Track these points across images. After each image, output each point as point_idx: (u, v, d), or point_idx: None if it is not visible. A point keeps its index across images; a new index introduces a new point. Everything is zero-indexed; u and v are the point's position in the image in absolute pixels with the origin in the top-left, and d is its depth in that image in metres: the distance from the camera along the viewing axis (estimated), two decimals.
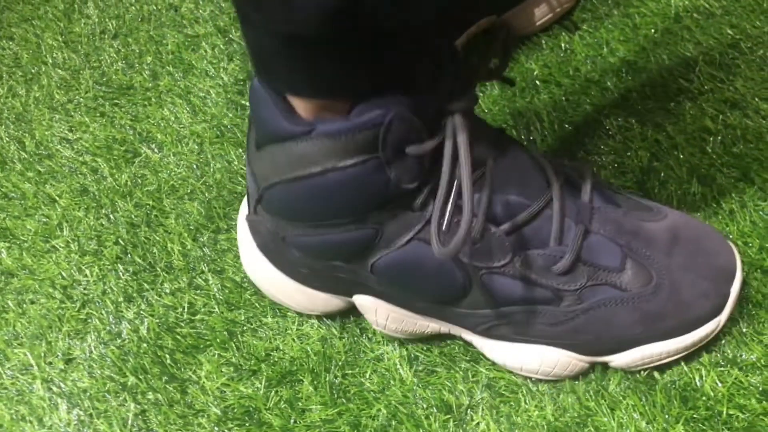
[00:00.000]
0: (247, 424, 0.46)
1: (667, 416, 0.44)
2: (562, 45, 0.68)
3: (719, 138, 0.58)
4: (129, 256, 0.56)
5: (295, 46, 0.36)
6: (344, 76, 0.38)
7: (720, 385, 0.45)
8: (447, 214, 0.40)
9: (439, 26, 0.38)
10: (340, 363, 0.49)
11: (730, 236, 0.52)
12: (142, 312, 0.53)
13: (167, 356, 0.50)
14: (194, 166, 0.62)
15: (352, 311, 0.50)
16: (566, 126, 0.61)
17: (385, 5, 0.34)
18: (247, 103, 0.65)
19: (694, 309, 0.45)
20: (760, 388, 0.45)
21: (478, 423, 0.45)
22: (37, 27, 0.77)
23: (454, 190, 0.40)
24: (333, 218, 0.42)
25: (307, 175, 0.40)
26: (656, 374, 0.46)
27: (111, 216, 0.59)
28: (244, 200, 0.50)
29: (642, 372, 0.46)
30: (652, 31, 0.67)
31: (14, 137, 0.66)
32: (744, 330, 0.47)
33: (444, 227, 0.40)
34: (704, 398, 0.45)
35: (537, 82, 0.65)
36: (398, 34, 0.36)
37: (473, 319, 0.45)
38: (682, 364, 0.46)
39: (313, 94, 0.39)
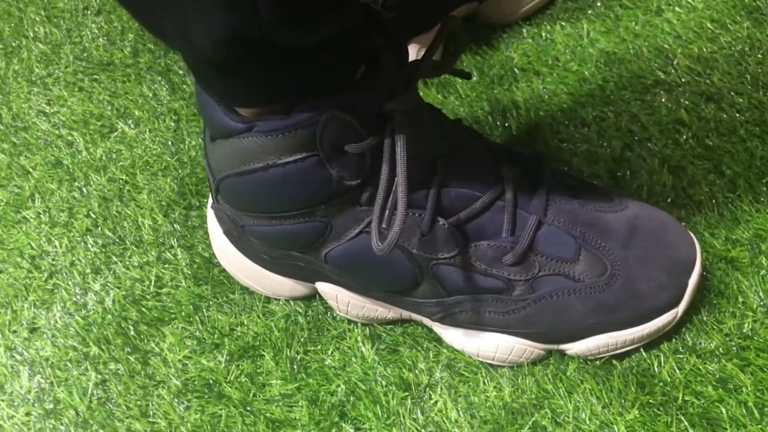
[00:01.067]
0: (206, 396, 0.47)
1: (623, 401, 0.45)
2: (543, 34, 0.68)
3: (693, 130, 0.58)
4: (99, 229, 0.56)
5: (214, 67, 0.37)
6: (270, 87, 0.38)
7: (678, 371, 0.46)
8: (387, 211, 0.40)
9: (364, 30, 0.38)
10: (302, 339, 0.49)
11: (697, 227, 0.52)
12: (108, 284, 0.53)
13: (131, 327, 0.50)
14: (169, 143, 0.62)
15: (318, 295, 0.50)
16: (542, 114, 0.62)
17: (276, 32, 0.34)
18: None
19: (650, 300, 0.45)
20: (717, 376, 0.45)
21: (435, 402, 0.46)
22: (21, 1, 0.77)
23: (394, 188, 0.40)
24: (282, 211, 0.43)
25: (251, 170, 0.41)
26: (614, 361, 0.46)
27: (84, 189, 0.59)
28: None
29: (600, 360, 0.46)
30: (633, 23, 0.67)
31: None
32: (705, 318, 0.48)
33: (384, 224, 0.40)
34: (661, 384, 0.45)
35: (516, 70, 0.65)
36: (313, 47, 0.36)
37: (427, 308, 0.45)
38: (641, 350, 0.47)
39: (245, 105, 0.39)
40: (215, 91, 0.39)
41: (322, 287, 0.48)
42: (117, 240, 0.56)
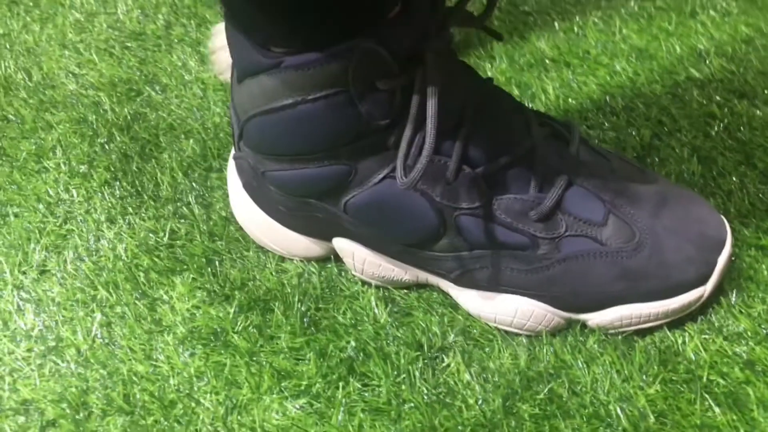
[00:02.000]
0: (212, 344, 0.45)
1: (644, 375, 0.43)
2: (575, 29, 0.68)
3: (724, 123, 0.57)
4: (118, 182, 0.56)
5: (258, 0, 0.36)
6: (312, 23, 0.37)
7: (703, 351, 0.44)
8: (414, 146, 0.39)
9: None
10: (314, 296, 0.48)
11: (727, 215, 0.51)
12: (122, 233, 0.52)
13: (141, 274, 0.49)
14: (195, 109, 0.62)
15: (332, 259, 0.49)
16: (571, 101, 0.61)
17: None
18: None
19: (677, 272, 0.43)
20: (745, 358, 0.43)
21: (448, 364, 0.44)
22: None
23: (423, 125, 0.39)
24: (307, 152, 0.42)
25: (280, 107, 0.40)
26: (636, 338, 0.45)
27: (106, 146, 0.59)
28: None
29: (621, 335, 0.45)
30: (666, 23, 0.67)
31: (22, 67, 0.67)
32: (733, 301, 0.46)
33: (410, 160, 0.39)
34: (685, 362, 0.43)
35: (546, 60, 0.65)
36: None
37: (447, 263, 0.44)
38: (665, 328, 0.45)
39: (283, 44, 0.39)
40: (247, 25, 0.39)
41: (339, 243, 0.47)
42: (134, 193, 0.55)
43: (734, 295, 0.46)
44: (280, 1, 0.37)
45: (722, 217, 0.46)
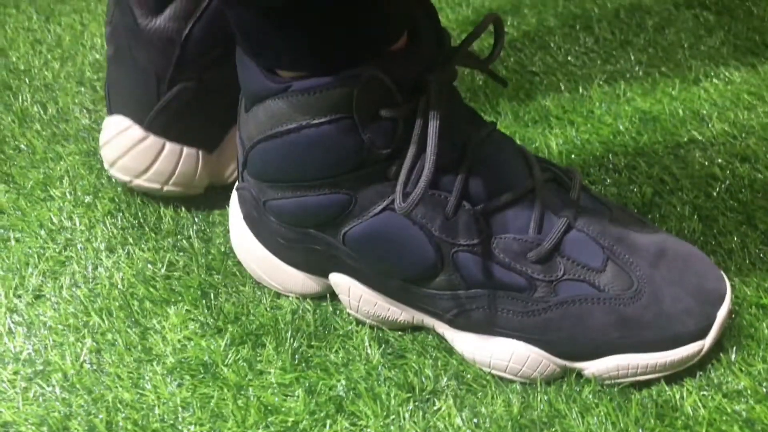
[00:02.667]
0: (200, 375, 0.45)
1: (640, 429, 0.42)
2: (580, 90, 0.69)
3: (726, 184, 0.58)
4: (121, 213, 0.56)
5: (272, 18, 0.38)
6: (321, 47, 0.39)
7: (702, 408, 0.43)
8: (414, 174, 0.40)
9: None
10: (307, 333, 0.47)
11: (728, 273, 0.50)
12: (121, 262, 0.52)
13: (136, 303, 0.49)
14: None
15: (327, 297, 0.49)
16: (573, 157, 0.61)
17: None
18: None
19: (676, 324, 0.43)
20: (744, 416, 0.42)
21: (440, 408, 0.43)
22: (85, 19, 0.82)
23: (423, 153, 0.40)
24: (309, 179, 0.42)
25: (285, 131, 0.41)
26: (633, 390, 0.44)
27: (112, 179, 0.60)
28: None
29: (618, 386, 0.44)
30: (670, 88, 0.68)
31: (39, 101, 0.68)
32: (733, 358, 0.45)
33: (409, 187, 0.40)
34: (683, 417, 0.42)
35: (551, 117, 0.66)
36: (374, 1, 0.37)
37: (443, 302, 0.44)
38: (663, 382, 0.44)
39: (292, 68, 0.40)
40: (261, 53, 0.40)
41: (336, 278, 0.47)
42: (136, 225, 0.55)
43: (734, 352, 0.45)
44: (291, 21, 0.38)
45: (722, 272, 0.46)
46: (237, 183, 0.49)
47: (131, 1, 0.51)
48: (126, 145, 0.54)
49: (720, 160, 0.60)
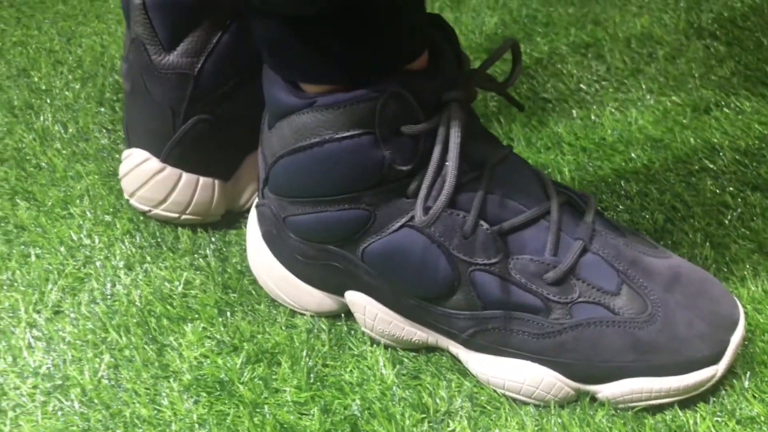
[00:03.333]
0: (217, 393, 0.45)
1: None
2: (592, 117, 0.70)
3: (738, 212, 0.58)
4: (140, 233, 0.57)
5: (299, 30, 0.39)
6: (347, 59, 0.40)
7: None
8: (434, 189, 0.41)
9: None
10: (322, 353, 0.48)
11: (741, 301, 0.51)
12: (138, 280, 0.53)
13: (153, 320, 0.50)
14: None
15: (342, 317, 0.50)
16: (585, 183, 0.62)
17: None
18: None
19: (689, 349, 0.43)
20: None
21: (454, 429, 0.43)
22: (105, 41, 0.83)
23: (443, 168, 0.41)
24: (330, 194, 0.43)
25: (308, 145, 0.42)
26: (647, 414, 0.44)
27: None
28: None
29: (631, 410, 0.44)
30: (681, 117, 0.69)
31: (59, 120, 0.70)
32: (746, 385, 0.45)
33: (430, 202, 0.40)
34: None
35: (563, 144, 0.67)
36: (397, 16, 0.38)
37: (459, 321, 0.44)
38: (676, 407, 0.44)
39: (317, 80, 0.41)
40: (286, 65, 0.41)
41: (352, 296, 0.47)
42: (154, 244, 0.56)
43: (747, 378, 0.46)
44: (318, 33, 0.39)
45: (735, 297, 0.46)
46: (256, 201, 0.50)
47: (145, 38, 0.52)
48: (144, 177, 0.55)
49: (731, 188, 0.61)
